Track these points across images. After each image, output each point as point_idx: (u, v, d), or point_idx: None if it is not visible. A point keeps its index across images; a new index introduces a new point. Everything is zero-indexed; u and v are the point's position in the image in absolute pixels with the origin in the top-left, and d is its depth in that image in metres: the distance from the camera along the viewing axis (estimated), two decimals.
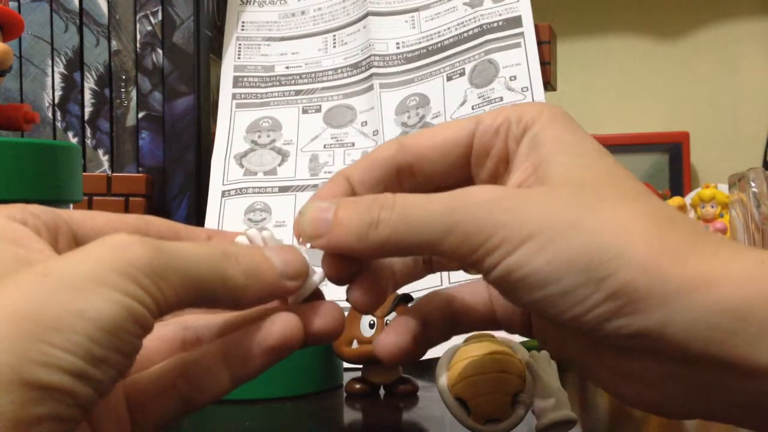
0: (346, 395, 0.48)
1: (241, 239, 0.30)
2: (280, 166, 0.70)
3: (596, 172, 0.27)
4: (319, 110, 0.73)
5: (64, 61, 0.70)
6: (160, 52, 0.70)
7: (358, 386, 0.48)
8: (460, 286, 0.33)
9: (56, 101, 0.70)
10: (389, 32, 0.73)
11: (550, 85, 0.70)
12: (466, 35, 0.70)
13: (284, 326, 0.27)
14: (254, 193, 0.69)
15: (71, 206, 0.46)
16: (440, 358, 0.36)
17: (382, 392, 0.48)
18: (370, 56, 0.72)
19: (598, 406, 0.44)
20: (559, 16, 1.04)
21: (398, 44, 0.73)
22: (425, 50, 0.72)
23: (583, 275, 0.24)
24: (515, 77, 0.67)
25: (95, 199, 0.65)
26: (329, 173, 0.69)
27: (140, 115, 0.70)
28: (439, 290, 0.33)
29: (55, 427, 0.21)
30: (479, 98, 0.67)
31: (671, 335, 0.24)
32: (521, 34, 0.68)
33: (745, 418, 0.25)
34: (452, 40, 0.71)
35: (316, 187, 0.68)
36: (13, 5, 0.69)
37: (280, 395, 0.47)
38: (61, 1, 0.70)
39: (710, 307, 0.23)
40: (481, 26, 0.70)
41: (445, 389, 0.35)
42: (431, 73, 0.71)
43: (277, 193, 0.69)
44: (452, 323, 0.32)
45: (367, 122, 0.71)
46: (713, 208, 0.70)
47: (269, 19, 0.77)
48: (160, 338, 0.29)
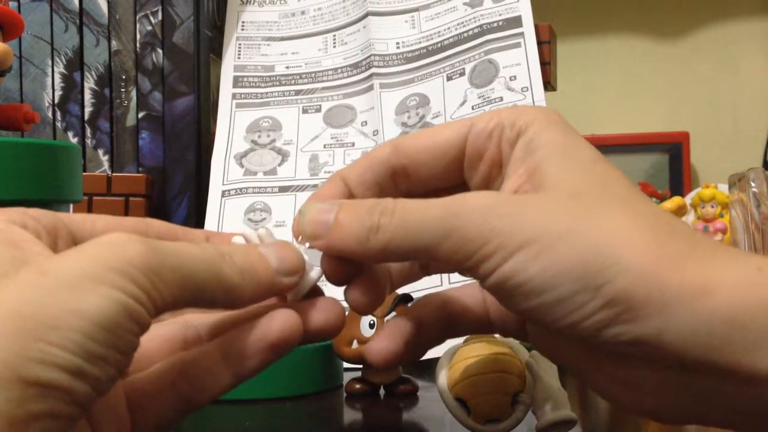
0: (346, 395, 0.48)
1: (237, 239, 0.30)
2: (280, 166, 0.70)
3: (592, 177, 0.27)
4: (319, 110, 0.73)
5: (64, 61, 0.70)
6: (160, 52, 0.70)
7: (358, 386, 0.48)
8: (455, 288, 0.33)
9: (56, 101, 0.70)
10: (389, 32, 0.73)
11: (550, 85, 0.70)
12: (466, 35, 0.70)
13: (283, 323, 0.27)
14: (254, 193, 0.69)
15: (71, 206, 0.46)
16: (440, 358, 0.36)
17: (382, 392, 0.48)
18: (370, 56, 0.72)
19: (598, 406, 0.44)
20: (559, 16, 1.04)
21: (398, 44, 0.73)
22: (425, 50, 0.72)
23: (579, 283, 0.24)
24: (515, 77, 0.67)
25: (95, 199, 0.65)
26: (329, 173, 0.69)
27: (140, 115, 0.70)
28: (434, 293, 0.33)
29: (52, 424, 0.20)
30: (479, 98, 0.67)
31: (669, 343, 0.24)
32: (521, 34, 0.68)
33: (744, 424, 0.25)
34: (452, 40, 0.71)
35: (316, 187, 0.68)
36: (13, 5, 0.69)
37: (280, 395, 0.47)
38: (61, 1, 0.70)
39: (708, 314, 0.23)
40: (481, 26, 0.69)
41: (445, 389, 0.35)
42: (431, 73, 0.71)
43: (277, 193, 0.69)
44: (447, 326, 0.32)
45: (367, 122, 0.71)
46: (713, 208, 0.70)
47: (269, 19, 0.77)
48: (160, 338, 0.29)
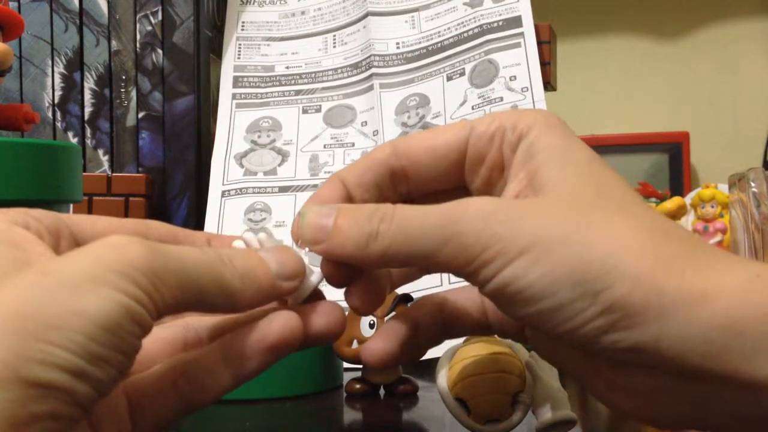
0: (346, 395, 0.48)
1: (237, 243, 0.30)
2: (280, 166, 0.70)
3: (591, 182, 0.27)
4: (319, 110, 0.73)
5: (64, 61, 0.70)
6: (160, 52, 0.70)
7: (358, 386, 0.48)
8: (453, 290, 0.33)
9: (56, 101, 0.70)
10: (389, 32, 0.73)
11: (550, 85, 0.70)
12: (466, 35, 0.70)
13: (283, 325, 0.27)
14: (254, 193, 0.69)
15: (71, 206, 0.46)
16: (440, 358, 0.36)
17: (382, 392, 0.48)
18: (370, 56, 0.72)
19: (598, 406, 0.44)
20: (559, 16, 1.04)
21: (398, 44, 0.73)
22: (425, 50, 0.72)
23: (578, 289, 0.24)
24: (515, 77, 0.67)
25: (95, 199, 0.65)
26: (329, 173, 0.69)
27: (140, 115, 0.70)
28: (432, 294, 0.33)
29: (53, 425, 0.20)
30: (479, 98, 0.67)
31: (666, 349, 0.24)
32: (521, 34, 0.68)
33: (742, 430, 0.25)
34: (452, 40, 0.71)
35: (316, 187, 0.68)
36: (13, 5, 0.69)
37: (280, 395, 0.47)
38: (61, 1, 0.70)
39: (706, 321, 0.23)
40: (481, 26, 0.69)
41: (445, 389, 0.35)
42: (431, 73, 0.71)
43: (277, 193, 0.69)
44: (445, 328, 0.32)
45: (367, 122, 0.71)
46: (713, 208, 0.70)
47: (269, 19, 0.77)
48: (160, 340, 0.29)
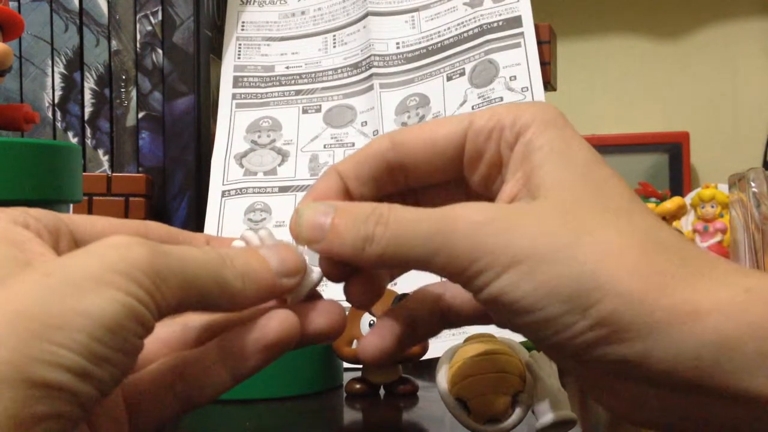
0: (346, 395, 0.48)
1: (237, 243, 0.30)
2: (280, 166, 0.70)
3: (589, 184, 0.27)
4: (319, 110, 0.73)
5: (64, 61, 0.70)
6: (160, 52, 0.70)
7: (358, 386, 0.47)
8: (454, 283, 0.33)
9: (56, 101, 0.70)
10: (389, 32, 0.73)
11: (550, 85, 0.70)
12: (466, 35, 0.70)
13: (281, 323, 0.27)
14: (254, 193, 0.69)
15: (71, 206, 0.46)
16: (440, 358, 0.36)
17: (382, 392, 0.48)
18: (370, 56, 0.72)
19: (597, 406, 0.44)
20: (559, 16, 1.04)
21: (398, 44, 0.73)
22: (425, 50, 0.72)
23: (568, 304, 0.24)
24: (515, 77, 0.67)
25: (95, 199, 0.65)
26: None
27: (140, 115, 0.70)
28: (429, 286, 0.32)
29: (55, 425, 0.20)
30: (479, 98, 0.67)
31: (656, 365, 0.24)
32: (521, 34, 0.68)
33: None
34: (452, 40, 0.71)
35: None
36: (13, 5, 0.69)
37: (280, 395, 0.47)
38: (61, 1, 0.70)
39: (696, 338, 0.23)
40: (481, 26, 0.69)
41: (445, 389, 0.35)
42: (431, 73, 0.71)
43: (277, 193, 0.69)
44: (442, 319, 0.32)
45: (367, 122, 0.71)
46: (713, 208, 0.70)
47: (269, 19, 0.77)
48: (159, 338, 0.29)
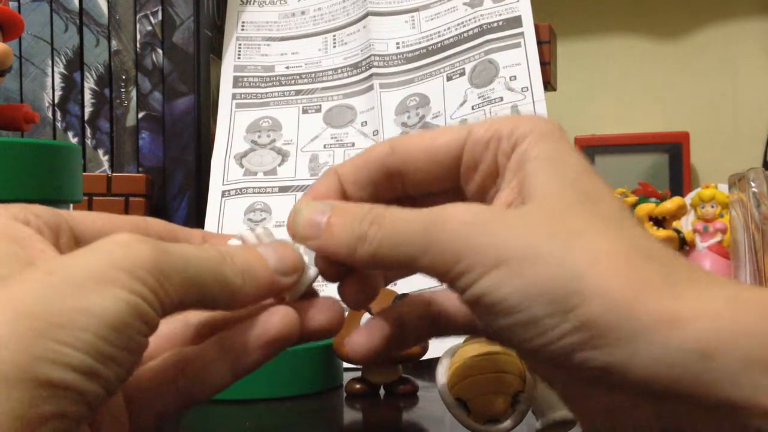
0: (346, 395, 0.48)
1: (234, 242, 0.30)
2: (280, 166, 0.70)
3: (579, 193, 0.27)
4: (319, 110, 0.73)
5: (64, 61, 0.70)
6: (160, 52, 0.70)
7: (358, 386, 0.47)
8: (443, 291, 0.33)
9: (56, 101, 0.70)
10: (389, 32, 0.73)
11: (550, 85, 0.70)
12: (466, 35, 0.70)
13: (282, 320, 0.27)
14: (254, 193, 0.69)
15: (71, 206, 0.46)
16: (440, 357, 0.36)
17: (382, 392, 0.48)
18: (370, 56, 0.72)
19: None
20: (559, 16, 1.04)
21: (398, 44, 0.73)
22: (425, 50, 0.72)
23: (550, 306, 0.24)
24: (515, 77, 0.67)
25: (95, 199, 0.65)
26: None
27: (140, 115, 0.70)
28: (421, 293, 0.33)
29: (61, 425, 0.20)
30: (479, 98, 0.67)
31: (637, 372, 0.23)
32: (521, 34, 0.68)
33: None
34: (452, 40, 0.71)
35: None
36: (13, 5, 0.69)
37: (280, 395, 0.47)
38: (61, 1, 0.70)
39: (677, 346, 0.23)
40: (481, 26, 0.69)
41: (445, 389, 0.35)
42: (431, 73, 0.71)
43: (277, 193, 0.69)
44: (431, 326, 0.32)
45: (367, 122, 0.71)
46: (713, 208, 0.70)
47: (269, 19, 0.77)
48: (160, 335, 0.29)
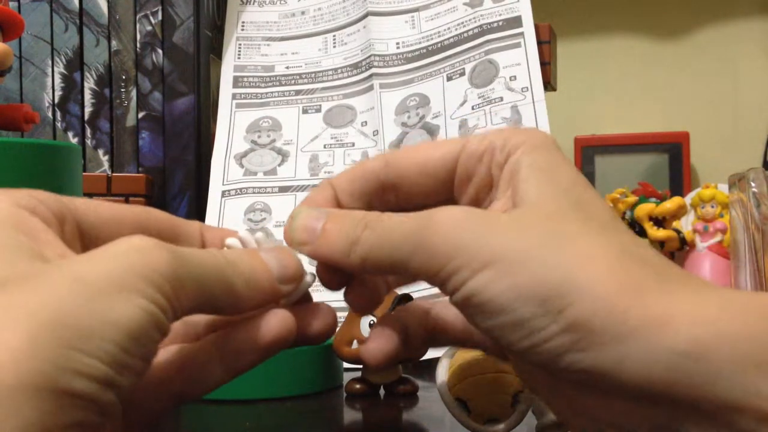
0: (346, 395, 0.48)
1: (232, 242, 0.30)
2: (280, 166, 0.70)
3: (568, 200, 0.27)
4: (319, 110, 0.73)
5: (64, 61, 0.70)
6: (160, 52, 0.70)
7: (358, 386, 0.48)
8: (441, 300, 0.33)
9: (56, 101, 0.70)
10: (389, 32, 0.73)
11: (550, 85, 0.70)
12: (466, 35, 0.70)
13: (280, 323, 0.27)
14: (254, 193, 0.69)
15: None
16: (440, 358, 0.36)
17: (382, 392, 0.48)
18: (370, 56, 0.72)
19: None
20: (559, 16, 1.04)
21: (398, 44, 0.73)
22: (425, 50, 0.72)
23: (541, 306, 0.24)
24: (515, 77, 0.67)
25: (95, 199, 0.65)
26: (329, 173, 0.69)
27: (140, 115, 0.70)
28: (418, 302, 0.33)
29: None
30: (479, 98, 0.67)
31: (628, 373, 0.23)
32: (521, 34, 0.68)
33: None
34: (452, 40, 0.71)
35: (315, 187, 0.68)
36: (13, 5, 0.69)
37: (280, 395, 0.47)
38: (61, 1, 0.70)
39: (668, 347, 0.23)
40: (481, 26, 0.69)
41: (445, 389, 0.35)
42: (431, 73, 0.71)
43: (277, 193, 0.69)
44: (429, 336, 0.32)
45: (367, 122, 0.71)
46: (713, 208, 0.70)
47: (269, 19, 0.77)
48: None
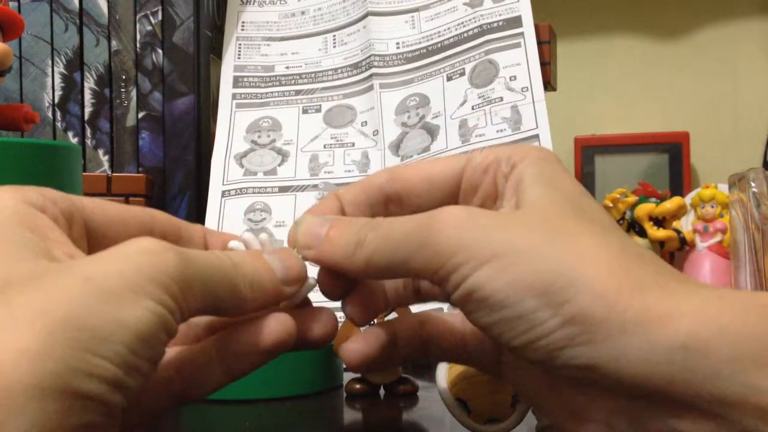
0: (346, 395, 0.48)
1: (235, 244, 0.30)
2: (280, 166, 0.70)
3: (569, 204, 0.27)
4: (319, 110, 0.73)
5: (64, 61, 0.70)
6: (160, 52, 0.70)
7: (358, 386, 0.48)
8: (439, 313, 0.33)
9: (56, 101, 0.70)
10: (389, 32, 0.73)
11: (550, 85, 0.70)
12: (466, 35, 0.70)
13: (281, 327, 0.27)
14: (254, 193, 0.69)
15: None
16: None
17: (382, 392, 0.48)
18: (370, 56, 0.72)
19: None
20: (559, 16, 1.04)
21: (398, 44, 0.73)
22: (425, 50, 0.72)
23: (541, 299, 0.24)
24: (515, 77, 0.67)
25: (95, 199, 0.65)
26: (329, 173, 0.69)
27: (140, 115, 0.70)
28: (416, 312, 0.33)
29: None
30: (479, 98, 0.67)
31: (627, 369, 0.23)
32: (521, 34, 0.68)
33: None
34: (452, 40, 0.71)
35: (315, 187, 0.68)
36: (13, 5, 0.69)
37: (280, 395, 0.47)
38: (61, 1, 0.70)
39: (668, 342, 0.23)
40: (481, 26, 0.69)
41: (445, 389, 0.35)
42: (431, 73, 0.71)
43: (277, 193, 0.69)
44: (422, 347, 0.32)
45: (367, 122, 0.71)
46: (713, 208, 0.70)
47: (269, 19, 0.77)
48: None
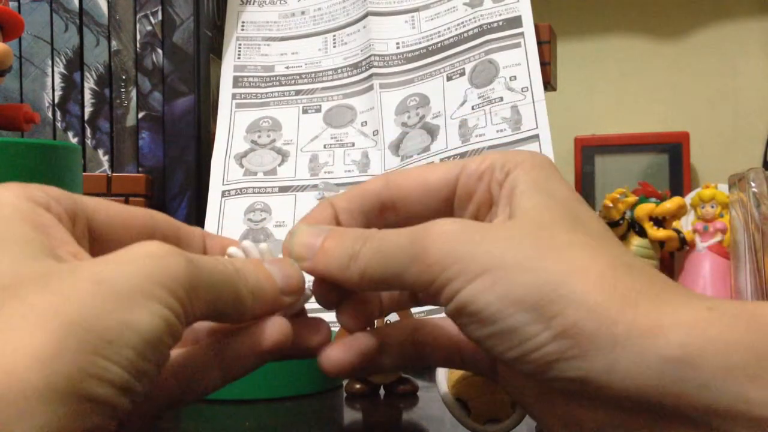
0: (346, 395, 0.48)
1: (234, 251, 0.30)
2: (280, 166, 0.70)
3: (562, 212, 0.27)
4: (319, 110, 0.73)
5: (64, 61, 0.70)
6: (160, 52, 0.70)
7: (358, 386, 0.48)
8: (434, 319, 0.33)
9: (56, 101, 0.70)
10: (389, 32, 0.73)
11: (550, 85, 0.70)
12: (466, 35, 0.70)
13: (278, 332, 0.28)
14: (254, 193, 0.69)
15: None
16: None
17: (382, 392, 0.48)
18: (370, 56, 0.72)
19: None
20: (559, 16, 1.04)
21: (398, 44, 0.73)
22: (425, 50, 0.72)
23: (532, 313, 0.24)
24: (515, 77, 0.67)
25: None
26: (329, 173, 0.69)
27: (140, 115, 0.70)
28: (410, 319, 0.33)
29: None
30: (479, 98, 0.67)
31: (618, 382, 0.23)
32: (521, 34, 0.68)
33: None
34: (452, 40, 0.71)
35: (315, 187, 0.68)
36: (13, 5, 0.69)
37: (280, 395, 0.47)
38: (61, 1, 0.70)
39: (659, 354, 0.23)
40: (481, 26, 0.69)
41: (445, 389, 0.35)
42: (431, 73, 0.71)
43: (277, 193, 0.69)
44: (414, 353, 0.32)
45: (367, 122, 0.71)
46: (713, 208, 0.70)
47: (269, 19, 0.77)
48: None
